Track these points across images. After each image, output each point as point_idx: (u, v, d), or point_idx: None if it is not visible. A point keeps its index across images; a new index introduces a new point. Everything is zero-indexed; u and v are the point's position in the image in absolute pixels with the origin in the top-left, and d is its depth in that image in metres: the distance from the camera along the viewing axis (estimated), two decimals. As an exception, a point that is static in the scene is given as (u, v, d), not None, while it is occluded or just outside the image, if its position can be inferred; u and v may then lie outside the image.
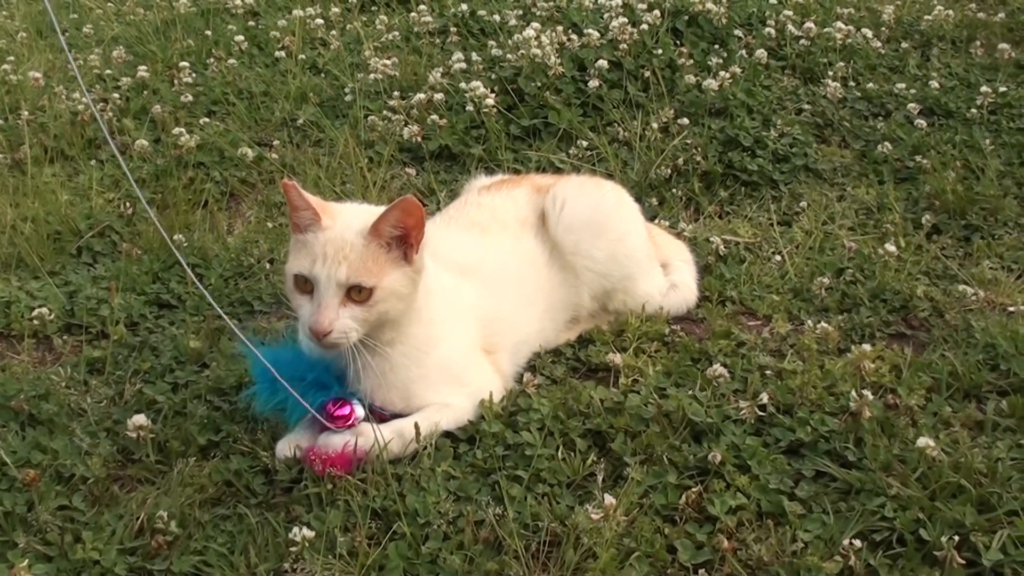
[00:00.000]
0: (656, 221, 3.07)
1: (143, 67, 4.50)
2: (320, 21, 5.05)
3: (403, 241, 2.12)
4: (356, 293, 2.08)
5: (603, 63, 3.96)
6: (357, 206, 2.28)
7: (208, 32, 5.01)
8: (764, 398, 2.20)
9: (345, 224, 2.13)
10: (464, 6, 5.00)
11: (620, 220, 2.66)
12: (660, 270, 2.74)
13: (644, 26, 4.23)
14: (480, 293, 2.40)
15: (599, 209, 2.63)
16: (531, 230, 2.58)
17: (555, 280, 2.56)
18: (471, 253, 2.48)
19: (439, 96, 3.96)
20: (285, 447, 2.15)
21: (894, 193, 3.32)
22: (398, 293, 2.12)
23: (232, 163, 3.72)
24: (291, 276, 2.13)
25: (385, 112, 4.00)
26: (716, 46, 4.35)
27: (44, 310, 2.74)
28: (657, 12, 4.36)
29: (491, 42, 4.46)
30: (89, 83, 4.48)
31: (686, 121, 3.71)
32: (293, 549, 1.89)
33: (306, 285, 2.10)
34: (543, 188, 2.65)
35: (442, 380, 2.25)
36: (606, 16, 4.43)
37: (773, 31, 4.45)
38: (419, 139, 3.75)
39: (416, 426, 2.15)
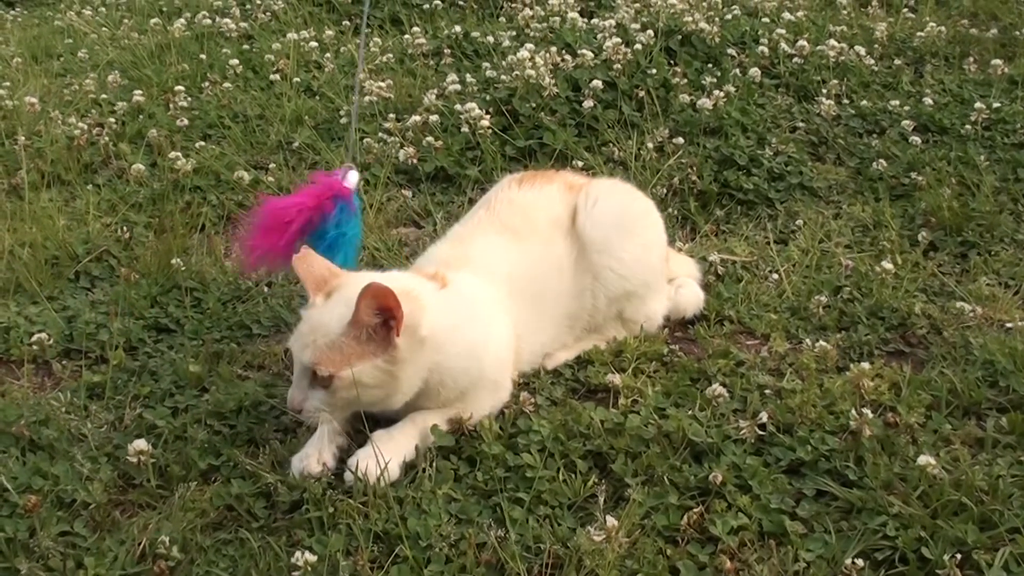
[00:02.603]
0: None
1: (138, 91, 4.51)
2: (314, 44, 5.06)
3: (386, 326, 2.09)
4: (319, 378, 2.08)
5: (597, 83, 3.97)
6: (368, 278, 2.15)
7: (203, 56, 5.01)
8: (764, 417, 2.21)
9: (334, 304, 2.14)
10: (458, 28, 5.03)
11: (647, 227, 2.69)
12: (668, 292, 2.76)
13: (638, 46, 4.26)
14: (512, 306, 2.44)
15: (632, 210, 2.68)
16: (561, 231, 2.58)
17: (577, 285, 2.56)
18: (504, 262, 2.50)
19: (434, 118, 3.97)
20: (300, 463, 2.15)
21: (890, 210, 3.33)
22: (363, 383, 2.09)
23: (228, 186, 3.72)
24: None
25: (380, 134, 4.00)
26: (710, 65, 4.37)
27: (43, 335, 2.74)
28: (651, 32, 4.39)
29: (485, 63, 4.48)
30: (84, 108, 4.49)
31: (681, 140, 3.73)
32: (295, 573, 1.88)
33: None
34: (575, 186, 2.67)
35: (487, 392, 2.33)
36: (600, 36, 4.46)
37: (766, 50, 4.47)
38: (415, 161, 3.76)
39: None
